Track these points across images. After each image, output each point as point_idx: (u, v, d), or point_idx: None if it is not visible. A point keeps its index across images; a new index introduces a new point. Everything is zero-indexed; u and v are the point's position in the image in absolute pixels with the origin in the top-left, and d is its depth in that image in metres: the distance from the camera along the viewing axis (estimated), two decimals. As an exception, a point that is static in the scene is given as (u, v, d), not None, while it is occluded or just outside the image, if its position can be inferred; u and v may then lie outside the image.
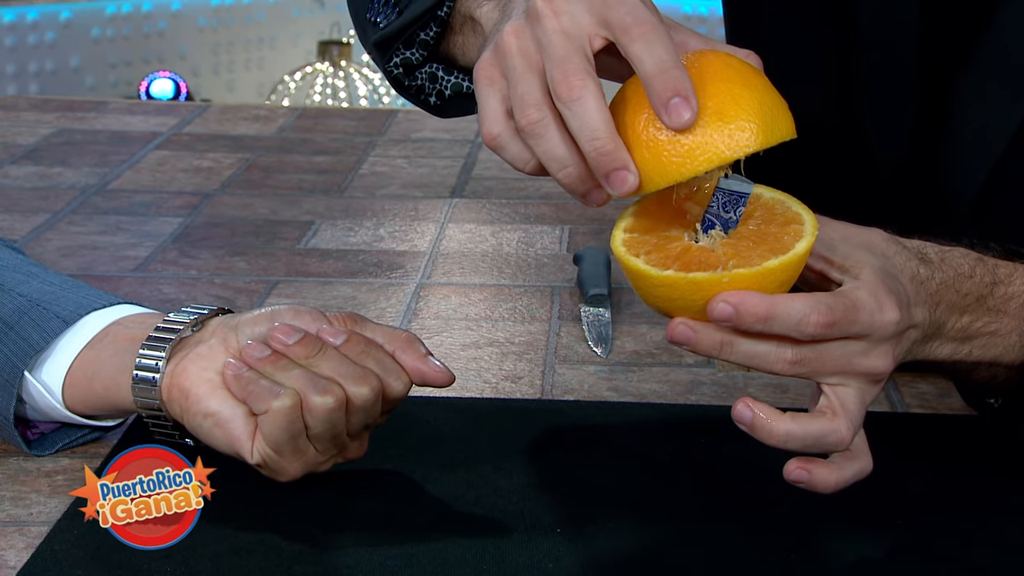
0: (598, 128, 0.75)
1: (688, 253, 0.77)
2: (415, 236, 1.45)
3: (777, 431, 0.77)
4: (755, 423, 0.77)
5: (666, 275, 0.76)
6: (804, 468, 0.78)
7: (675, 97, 0.74)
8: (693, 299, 0.76)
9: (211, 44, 5.70)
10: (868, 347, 0.78)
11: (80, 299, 0.91)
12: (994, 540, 0.83)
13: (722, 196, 0.77)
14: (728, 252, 0.76)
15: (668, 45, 0.75)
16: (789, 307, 0.75)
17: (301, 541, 0.80)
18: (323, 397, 0.81)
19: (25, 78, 5.07)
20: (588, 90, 0.75)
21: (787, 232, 0.77)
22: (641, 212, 0.80)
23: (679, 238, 0.78)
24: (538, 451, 0.93)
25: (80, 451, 0.92)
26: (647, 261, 0.77)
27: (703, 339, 0.76)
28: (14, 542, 0.81)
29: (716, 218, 0.77)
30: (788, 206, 0.78)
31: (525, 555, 0.79)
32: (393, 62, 0.97)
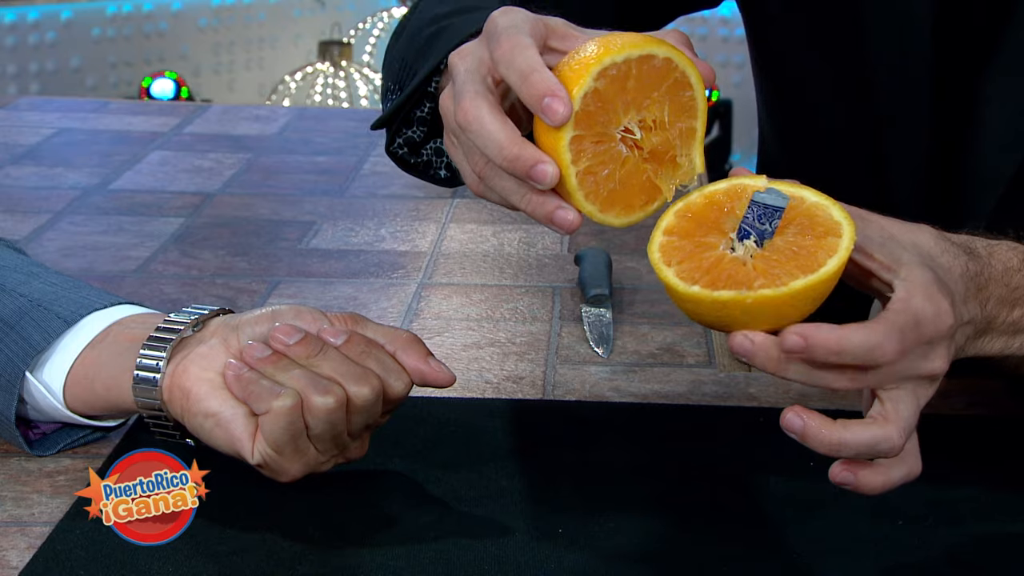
0: (498, 140, 0.77)
1: (719, 266, 0.76)
2: (416, 236, 1.45)
3: (829, 440, 0.75)
4: (806, 432, 0.75)
5: (692, 291, 0.76)
6: (850, 471, 0.77)
7: (545, 97, 0.75)
8: (718, 315, 0.76)
9: (212, 44, 5.70)
10: (928, 350, 0.77)
11: (81, 299, 0.91)
12: (994, 540, 0.83)
13: (757, 209, 0.77)
14: (759, 267, 0.76)
15: (528, 56, 0.77)
16: (861, 340, 0.74)
17: (302, 541, 0.81)
18: (324, 397, 0.81)
19: (26, 78, 5.08)
20: (479, 110, 0.77)
21: (822, 246, 0.76)
22: (683, 212, 0.80)
23: (715, 246, 0.78)
24: (539, 451, 0.93)
25: (81, 451, 0.92)
26: (677, 273, 0.77)
27: (759, 355, 0.75)
28: (16, 542, 0.81)
29: (751, 228, 0.77)
30: (830, 214, 0.77)
31: (527, 555, 0.79)
32: (397, 143, 0.98)
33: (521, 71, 0.77)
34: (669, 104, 0.82)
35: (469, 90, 0.78)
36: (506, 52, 0.78)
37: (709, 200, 0.80)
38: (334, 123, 1.99)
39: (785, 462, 0.91)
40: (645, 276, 1.32)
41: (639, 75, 0.80)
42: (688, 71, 0.82)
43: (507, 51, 0.78)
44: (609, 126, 0.80)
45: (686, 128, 0.83)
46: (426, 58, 0.93)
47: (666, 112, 0.82)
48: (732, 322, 0.76)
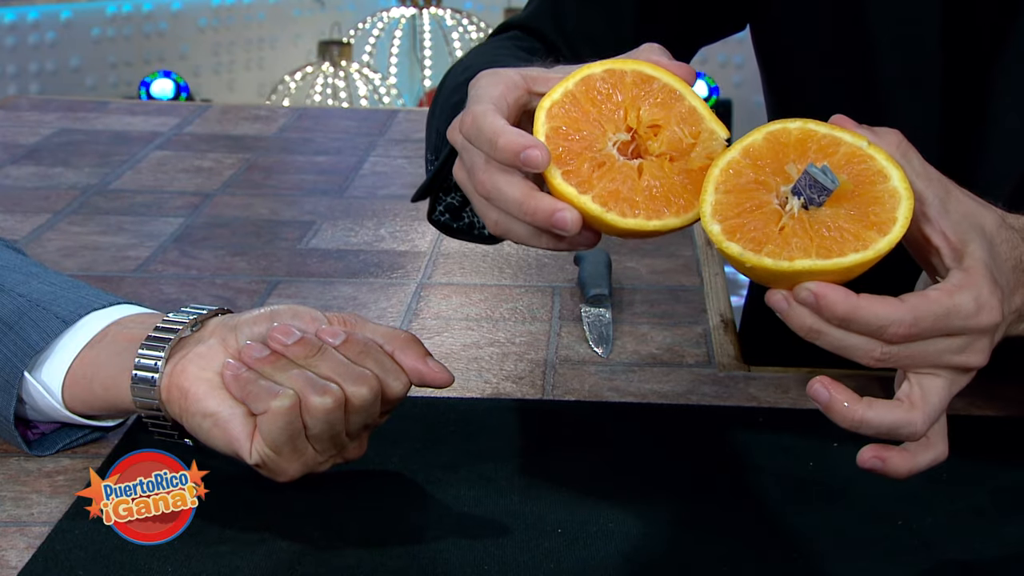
0: (516, 202, 0.79)
1: (767, 227, 0.75)
2: (416, 236, 1.45)
3: (851, 417, 0.76)
4: (831, 404, 0.76)
5: (743, 255, 0.75)
6: (878, 457, 0.77)
7: (519, 154, 0.77)
8: (768, 277, 0.75)
9: (211, 44, 5.70)
10: (965, 344, 0.77)
11: (80, 299, 0.91)
12: (995, 539, 0.83)
13: (807, 179, 0.76)
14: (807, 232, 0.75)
15: (488, 122, 0.79)
16: (871, 312, 0.74)
17: (302, 541, 0.80)
18: (322, 397, 0.81)
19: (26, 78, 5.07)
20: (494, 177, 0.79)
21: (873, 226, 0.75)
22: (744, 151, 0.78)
23: (768, 203, 0.76)
24: (539, 451, 0.93)
25: (80, 451, 0.92)
26: (723, 230, 0.76)
27: (794, 319, 0.75)
28: (15, 542, 0.81)
29: (803, 190, 0.76)
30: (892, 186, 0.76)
31: (526, 555, 0.79)
32: (438, 211, 0.99)
33: (488, 139, 0.79)
34: (645, 103, 0.81)
35: (479, 162, 0.81)
36: (470, 127, 0.80)
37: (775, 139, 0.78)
38: (334, 123, 1.99)
39: (785, 462, 0.91)
40: (645, 276, 1.32)
41: (590, 95, 0.81)
42: (641, 68, 0.82)
43: (470, 125, 0.80)
44: (596, 149, 0.80)
45: (684, 111, 0.82)
46: None
47: (646, 109, 0.81)
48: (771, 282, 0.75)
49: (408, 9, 5.52)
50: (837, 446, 0.93)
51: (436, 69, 5.56)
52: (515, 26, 1.16)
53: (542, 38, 1.13)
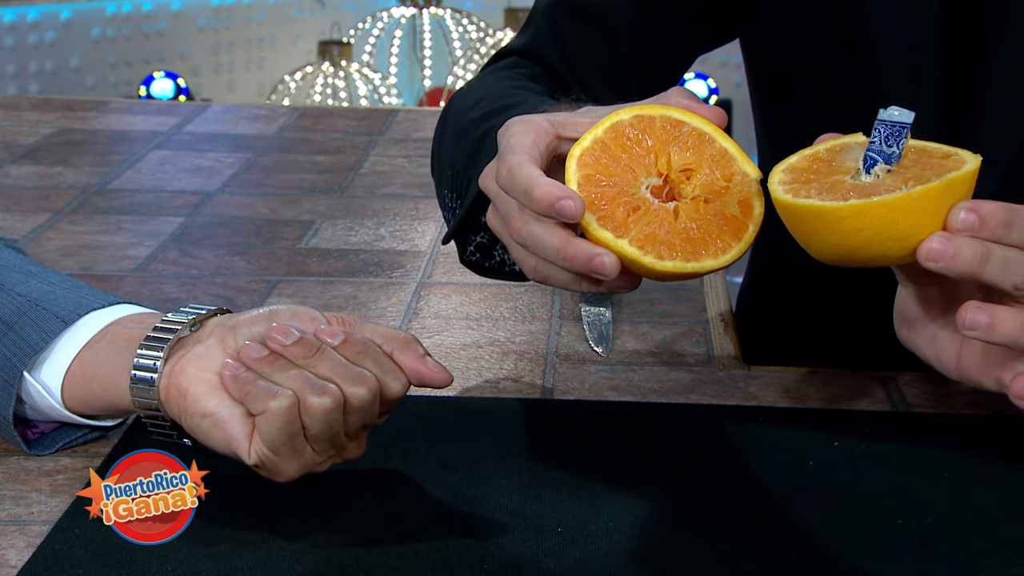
0: (554, 249, 0.80)
1: (860, 188, 0.75)
2: (416, 235, 1.45)
3: (1020, 321, 0.76)
4: (994, 322, 0.76)
5: (851, 204, 0.74)
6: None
7: (553, 205, 0.78)
8: (882, 224, 0.74)
9: (211, 44, 5.70)
10: None
11: (79, 299, 0.91)
12: (995, 539, 0.83)
13: (884, 129, 0.76)
14: (900, 180, 0.75)
15: (524, 173, 0.80)
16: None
17: (302, 540, 0.80)
18: (320, 398, 0.81)
19: (25, 78, 5.08)
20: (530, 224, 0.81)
21: (949, 160, 0.75)
22: (789, 170, 0.79)
23: (842, 181, 0.76)
24: (539, 451, 0.93)
25: (80, 450, 0.92)
26: (824, 199, 0.75)
27: (964, 250, 0.75)
28: (15, 541, 0.81)
29: (878, 154, 0.76)
30: (940, 146, 0.77)
31: (526, 555, 0.79)
32: (469, 251, 1.00)
33: (524, 190, 0.80)
34: (676, 147, 0.82)
35: (513, 210, 0.82)
36: (505, 178, 0.81)
37: (813, 158, 0.79)
38: (334, 123, 1.99)
39: (785, 461, 0.91)
40: (645, 275, 1.32)
41: (619, 142, 0.81)
42: (670, 112, 0.82)
43: (506, 177, 0.81)
44: (629, 194, 0.80)
45: (715, 154, 0.82)
46: (477, 165, 0.95)
47: (677, 154, 0.82)
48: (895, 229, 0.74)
49: (408, 9, 5.52)
50: (837, 445, 0.93)
51: (436, 69, 5.56)
52: (514, 52, 1.17)
53: (541, 61, 1.14)
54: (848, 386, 1.04)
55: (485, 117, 1.01)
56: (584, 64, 1.14)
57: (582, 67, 1.13)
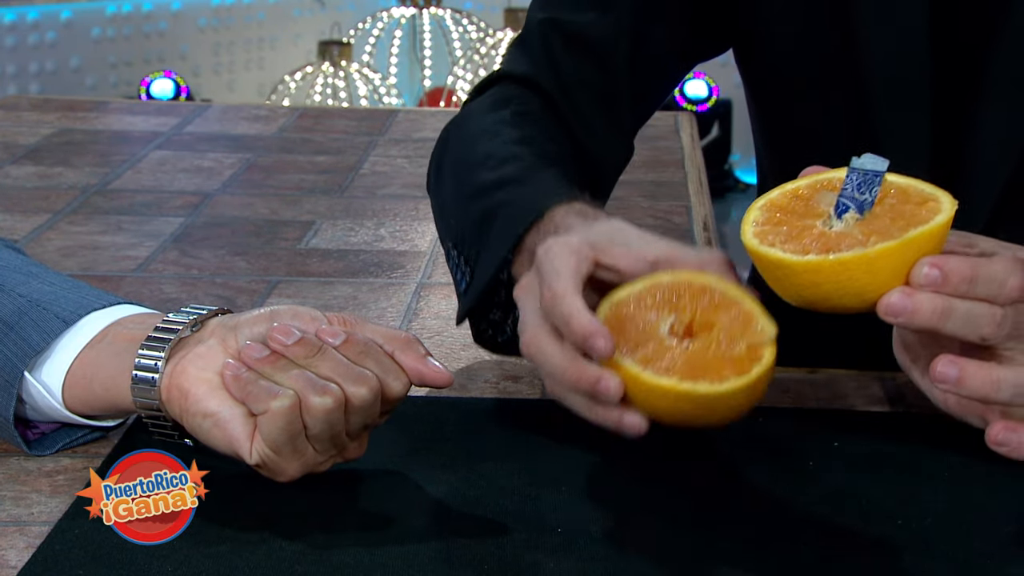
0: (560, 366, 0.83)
1: (825, 238, 0.75)
2: (416, 236, 1.45)
3: (988, 377, 0.76)
4: (963, 375, 0.76)
5: (808, 260, 0.75)
6: (1011, 429, 0.78)
7: (587, 339, 0.81)
8: (839, 281, 0.74)
9: (211, 44, 5.70)
10: None
11: (80, 299, 0.91)
12: (994, 540, 0.83)
13: (856, 176, 0.76)
14: (866, 232, 0.75)
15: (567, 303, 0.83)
16: (992, 268, 0.76)
17: (302, 540, 0.80)
18: (322, 398, 0.81)
19: (25, 78, 5.08)
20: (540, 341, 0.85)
21: (924, 208, 0.76)
22: (767, 207, 0.79)
23: (812, 226, 0.77)
24: (539, 451, 0.93)
25: (81, 451, 0.92)
26: (785, 250, 0.76)
27: (924, 306, 0.75)
28: (15, 542, 0.81)
29: (851, 201, 0.76)
30: (922, 188, 0.77)
31: (526, 555, 0.79)
32: (480, 328, 1.02)
33: (563, 318, 0.83)
34: (703, 306, 0.83)
35: (530, 324, 0.86)
36: (548, 302, 0.84)
37: (792, 194, 0.79)
38: (334, 123, 1.99)
39: (785, 462, 0.91)
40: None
41: (653, 294, 0.84)
42: (708, 281, 0.84)
43: (549, 301, 0.84)
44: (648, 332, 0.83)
45: (739, 313, 0.83)
46: (484, 244, 0.98)
47: (703, 311, 0.83)
48: (852, 286, 0.74)
49: (408, 9, 5.53)
50: (837, 445, 0.93)
51: (436, 69, 5.57)
52: (512, 77, 1.17)
53: (537, 88, 1.14)
54: (848, 386, 1.04)
55: (494, 186, 1.01)
56: (578, 87, 1.14)
57: (576, 90, 1.14)
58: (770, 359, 0.82)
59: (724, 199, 5.44)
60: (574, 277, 0.85)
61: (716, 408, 0.82)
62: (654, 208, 1.55)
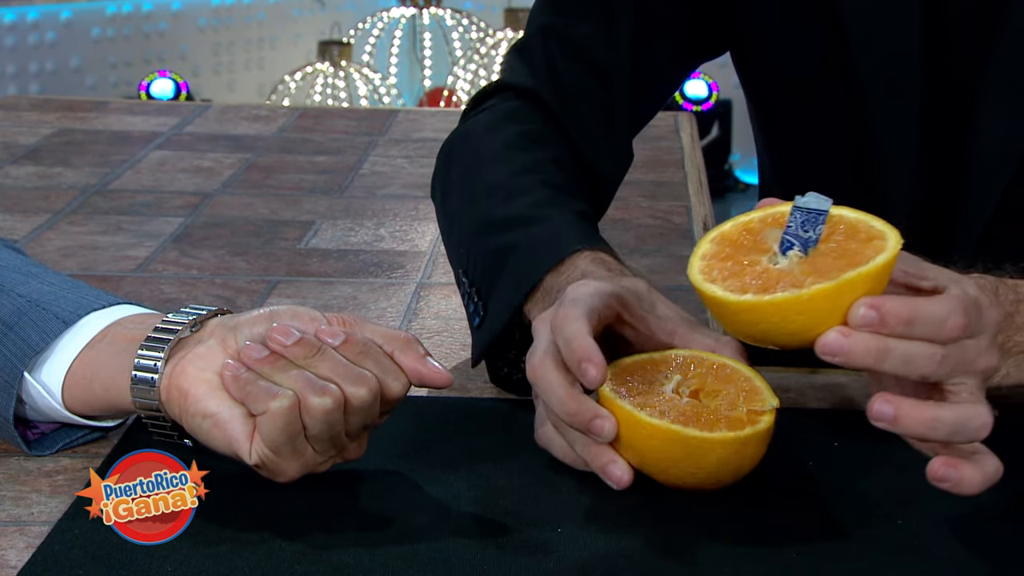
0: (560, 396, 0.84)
1: (766, 276, 0.77)
2: (416, 236, 1.45)
3: (922, 416, 0.76)
4: (899, 415, 0.76)
5: (744, 300, 0.76)
6: (951, 465, 0.77)
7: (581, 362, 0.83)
8: (774, 321, 0.76)
9: (211, 44, 5.70)
10: (985, 344, 0.79)
11: (79, 299, 0.91)
12: (994, 539, 0.83)
13: (800, 215, 0.77)
14: (806, 271, 0.76)
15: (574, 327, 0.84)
16: (930, 309, 0.76)
17: (302, 540, 0.80)
18: (321, 398, 0.81)
19: (25, 78, 5.08)
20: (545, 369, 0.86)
21: (869, 247, 0.76)
22: (719, 239, 0.81)
23: (757, 262, 0.78)
24: (539, 451, 0.93)
25: (80, 451, 0.92)
26: (725, 288, 0.77)
27: (858, 346, 0.75)
28: (15, 542, 0.81)
29: (795, 238, 0.77)
30: (871, 224, 0.78)
31: (526, 555, 0.79)
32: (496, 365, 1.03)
33: (565, 337, 0.84)
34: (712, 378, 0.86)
35: (539, 351, 0.87)
36: (559, 321, 0.86)
37: (744, 227, 0.80)
38: (334, 123, 1.99)
39: (784, 462, 0.91)
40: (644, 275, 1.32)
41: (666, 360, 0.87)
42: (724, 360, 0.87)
43: (560, 320, 0.85)
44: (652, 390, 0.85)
45: (746, 384, 0.86)
46: (497, 283, 1.00)
47: (712, 382, 0.86)
48: (788, 327, 0.75)
49: (408, 9, 5.53)
50: (837, 445, 0.93)
51: (436, 69, 5.57)
52: (508, 87, 1.17)
53: (538, 100, 1.14)
54: (848, 386, 1.04)
55: (507, 224, 1.02)
56: (579, 98, 1.14)
57: (576, 101, 1.14)
58: (766, 426, 0.83)
59: (724, 199, 5.44)
60: (591, 310, 0.86)
61: (705, 458, 0.83)
62: (654, 208, 1.55)
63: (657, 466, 0.84)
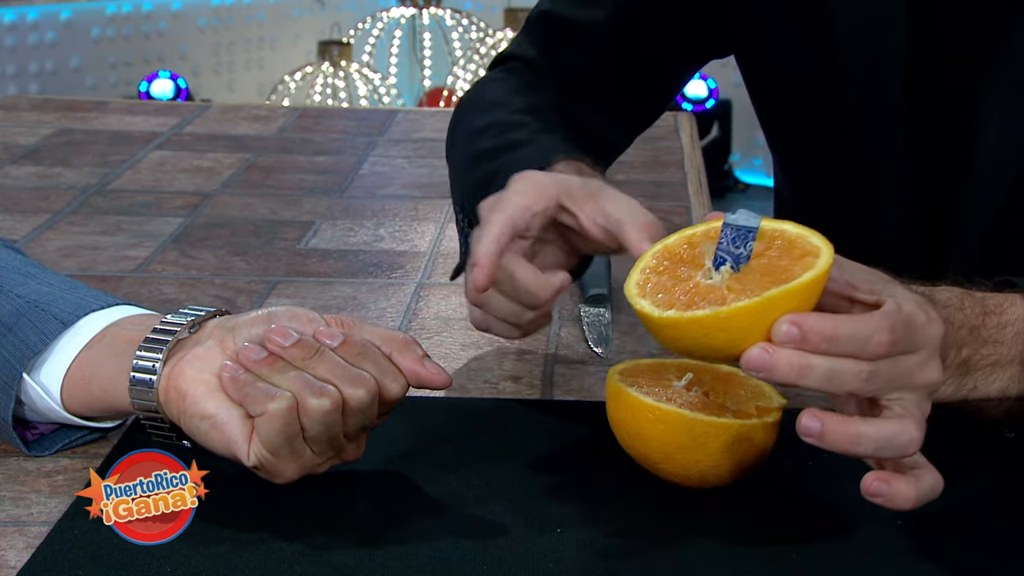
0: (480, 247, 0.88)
1: (694, 292, 0.77)
2: (415, 236, 1.45)
3: (847, 432, 0.76)
4: (825, 429, 0.75)
5: (667, 316, 0.77)
6: (884, 480, 0.77)
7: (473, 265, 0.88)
8: (697, 337, 0.76)
9: (211, 44, 5.70)
10: (923, 360, 0.78)
11: (78, 300, 0.91)
12: (994, 539, 0.83)
13: (730, 232, 0.77)
14: (733, 287, 0.76)
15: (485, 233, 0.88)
16: (854, 327, 0.76)
17: (301, 541, 0.80)
18: (319, 399, 0.81)
19: (25, 78, 5.08)
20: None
21: (800, 264, 0.77)
22: (661, 253, 0.82)
23: (691, 277, 0.78)
24: (538, 451, 0.93)
25: (80, 451, 0.92)
26: (652, 303, 0.78)
27: (781, 363, 0.75)
28: (14, 542, 0.81)
29: (727, 254, 0.77)
30: (808, 239, 0.78)
31: (526, 555, 0.79)
32: None
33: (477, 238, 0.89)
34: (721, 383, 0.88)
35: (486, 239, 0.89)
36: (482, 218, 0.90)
37: (686, 240, 0.81)
38: (333, 123, 1.99)
39: (783, 461, 0.91)
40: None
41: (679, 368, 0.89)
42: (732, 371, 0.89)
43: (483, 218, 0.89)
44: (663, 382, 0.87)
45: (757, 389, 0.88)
46: None
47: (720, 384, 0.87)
48: (711, 343, 0.76)
49: (408, 9, 5.53)
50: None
51: (436, 69, 5.57)
52: (513, 57, 1.23)
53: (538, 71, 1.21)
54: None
55: (499, 150, 1.04)
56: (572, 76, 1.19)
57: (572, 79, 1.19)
58: (773, 419, 0.85)
59: (724, 199, 5.43)
60: (518, 210, 0.88)
61: (710, 444, 0.83)
62: (654, 208, 1.54)
63: (662, 451, 0.84)
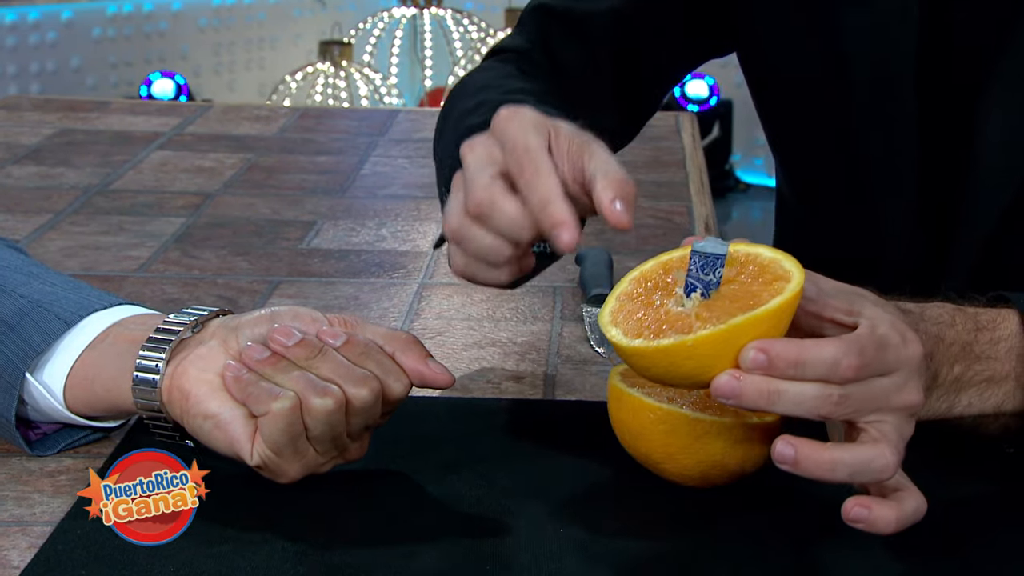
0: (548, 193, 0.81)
1: (663, 319, 0.77)
2: (417, 236, 1.45)
3: (821, 459, 0.75)
4: (799, 455, 0.75)
5: (635, 345, 0.77)
6: (864, 506, 0.76)
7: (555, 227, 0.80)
8: (664, 366, 0.77)
9: (212, 44, 5.70)
10: (900, 382, 0.77)
11: (81, 300, 0.91)
12: (994, 540, 0.83)
13: (699, 259, 0.77)
14: (701, 315, 0.76)
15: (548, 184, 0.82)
16: (821, 351, 0.75)
17: (303, 540, 0.81)
18: (322, 399, 0.81)
19: (26, 78, 5.08)
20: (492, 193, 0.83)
21: (769, 289, 0.77)
22: (637, 279, 0.82)
23: (661, 305, 0.79)
24: (540, 451, 0.93)
25: (83, 451, 0.92)
26: (623, 331, 0.78)
27: (749, 389, 0.75)
28: (17, 542, 0.81)
29: (697, 281, 0.77)
30: (781, 264, 0.78)
31: (527, 555, 0.79)
32: None
33: (541, 199, 0.81)
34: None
35: (480, 180, 0.83)
36: (529, 178, 0.82)
37: (662, 267, 0.81)
38: (335, 123, 1.99)
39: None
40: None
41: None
42: None
43: (530, 177, 0.82)
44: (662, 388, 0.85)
45: None
46: None
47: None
48: (679, 371, 0.76)
49: (409, 9, 5.53)
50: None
51: (437, 69, 5.57)
52: (506, 50, 1.20)
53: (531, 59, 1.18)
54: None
55: (477, 109, 1.01)
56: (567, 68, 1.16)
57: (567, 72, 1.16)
58: (774, 419, 0.84)
59: (725, 199, 5.43)
60: (547, 154, 0.83)
61: (712, 443, 0.83)
62: (655, 208, 1.55)
63: (664, 451, 0.84)
